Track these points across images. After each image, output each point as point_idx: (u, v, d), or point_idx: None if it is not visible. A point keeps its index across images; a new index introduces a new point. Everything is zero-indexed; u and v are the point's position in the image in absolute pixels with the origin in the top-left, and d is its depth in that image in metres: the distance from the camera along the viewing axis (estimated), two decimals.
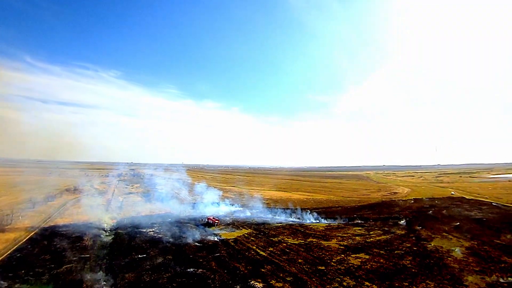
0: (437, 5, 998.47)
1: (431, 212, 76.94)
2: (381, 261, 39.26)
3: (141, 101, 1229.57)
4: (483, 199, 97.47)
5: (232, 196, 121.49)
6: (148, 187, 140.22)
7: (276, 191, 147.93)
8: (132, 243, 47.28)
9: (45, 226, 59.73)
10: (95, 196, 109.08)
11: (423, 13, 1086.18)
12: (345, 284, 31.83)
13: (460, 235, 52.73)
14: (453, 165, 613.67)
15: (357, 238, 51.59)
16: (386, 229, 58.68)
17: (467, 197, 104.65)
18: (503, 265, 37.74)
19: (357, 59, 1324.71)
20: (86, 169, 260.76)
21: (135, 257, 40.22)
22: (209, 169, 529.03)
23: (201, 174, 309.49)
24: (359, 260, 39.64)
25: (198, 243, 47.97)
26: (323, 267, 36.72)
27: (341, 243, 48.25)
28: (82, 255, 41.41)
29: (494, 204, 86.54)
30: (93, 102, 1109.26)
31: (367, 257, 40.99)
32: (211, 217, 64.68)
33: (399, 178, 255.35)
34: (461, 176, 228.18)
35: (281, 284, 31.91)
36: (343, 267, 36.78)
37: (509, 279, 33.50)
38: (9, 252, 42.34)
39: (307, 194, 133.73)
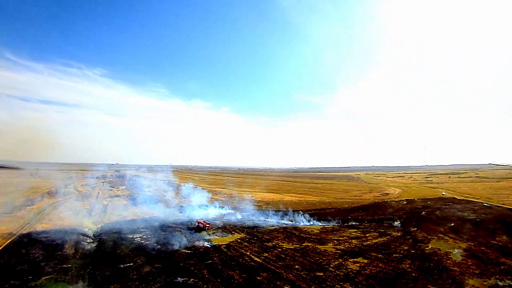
0: (429, 5, 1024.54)
1: (424, 213, 77.34)
2: (380, 265, 38.44)
3: (127, 100, 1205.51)
4: (474, 200, 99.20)
5: (222, 198, 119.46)
6: (134, 189, 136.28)
7: (267, 192, 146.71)
8: (117, 251, 44.80)
9: (24, 232, 56.18)
10: (78, 199, 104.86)
11: (416, 14, 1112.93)
12: None
13: (456, 236, 52.77)
14: (441, 165, 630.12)
15: (354, 241, 50.78)
16: (381, 231, 58.24)
17: (458, 198, 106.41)
18: (502, 267, 37.57)
19: (348, 60, 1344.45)
20: (69, 170, 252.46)
21: (120, 266, 37.91)
22: (198, 170, 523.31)
23: (190, 175, 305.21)
24: (358, 265, 38.70)
25: (188, 249, 45.98)
26: (321, 273, 35.52)
27: (338, 247, 47.29)
28: (63, 265, 38.75)
29: (485, 204, 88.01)
30: (77, 101, 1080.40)
31: (366, 261, 40.11)
32: (202, 221, 62.65)
33: (389, 178, 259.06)
34: (450, 176, 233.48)
35: None
36: (342, 273, 35.70)
37: (510, 282, 33.25)
38: None
39: (299, 195, 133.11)
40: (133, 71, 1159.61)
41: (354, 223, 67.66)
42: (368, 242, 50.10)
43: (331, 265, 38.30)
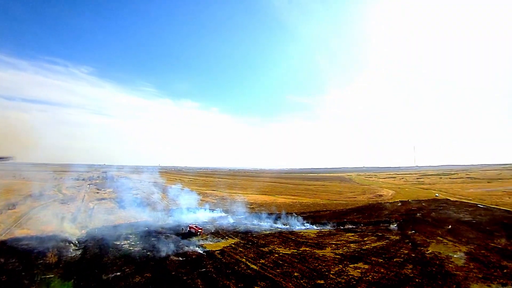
0: (420, 6, 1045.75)
1: (420, 215, 77.50)
2: (382, 271, 37.51)
3: (115, 100, 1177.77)
4: (468, 201, 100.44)
5: (213, 200, 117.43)
6: (121, 191, 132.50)
7: (259, 194, 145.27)
8: (103, 259, 42.41)
9: (3, 239, 52.84)
10: (63, 202, 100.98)
11: (406, 15, 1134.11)
12: None
13: (454, 239, 52.58)
14: (430, 166, 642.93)
15: (352, 245, 49.87)
16: (379, 234, 57.63)
17: (452, 199, 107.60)
18: (505, 271, 37.24)
19: (339, 61, 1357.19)
20: (54, 171, 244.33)
21: (108, 276, 35.67)
22: (188, 171, 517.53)
23: (180, 176, 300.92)
24: (359, 270, 37.66)
25: (179, 256, 44.00)
26: (322, 281, 34.25)
27: (337, 251, 46.24)
28: (45, 275, 36.27)
29: (479, 205, 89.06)
30: (62, 99, 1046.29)
31: (366, 266, 39.13)
32: (194, 226, 60.61)
33: (381, 179, 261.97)
34: (441, 177, 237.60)
35: None
36: (343, 280, 34.54)
37: None
38: None
39: (292, 197, 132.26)
40: (121, 70, 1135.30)
41: (350, 226, 66.93)
42: (367, 246, 49.28)
43: (332, 272, 37.11)
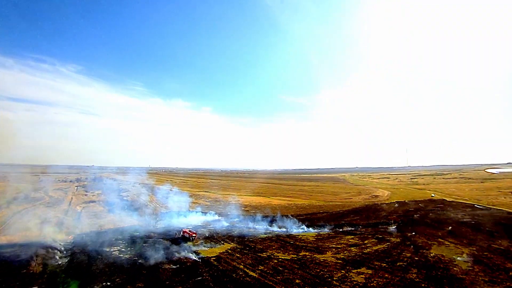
0: (412, 5, 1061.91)
1: (418, 216, 77.34)
2: (386, 276, 36.56)
3: (103, 99, 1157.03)
4: (464, 201, 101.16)
5: (207, 203, 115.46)
6: (111, 194, 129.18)
7: (254, 196, 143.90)
8: (92, 267, 40.26)
9: None
10: (49, 205, 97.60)
11: (399, 14, 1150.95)
12: None
13: (456, 240, 52.23)
14: (423, 166, 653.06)
15: (353, 249, 48.91)
16: (379, 236, 56.89)
17: (448, 199, 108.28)
18: (510, 274, 36.80)
19: (332, 61, 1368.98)
20: (40, 173, 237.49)
21: (96, 287, 33.72)
22: (179, 172, 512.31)
23: (171, 178, 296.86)
24: (363, 276, 36.61)
25: (173, 263, 42.19)
26: None
27: (338, 256, 45.17)
28: (27, 286, 34.11)
29: (476, 206, 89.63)
30: (49, 99, 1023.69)
31: (370, 271, 38.12)
32: (187, 230, 58.69)
33: (375, 180, 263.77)
34: (435, 177, 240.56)
35: None
36: (347, 287, 33.42)
37: None
38: None
39: (287, 199, 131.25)
40: (110, 68, 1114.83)
41: (349, 229, 66.11)
42: (368, 249, 48.38)
43: (334, 278, 35.95)
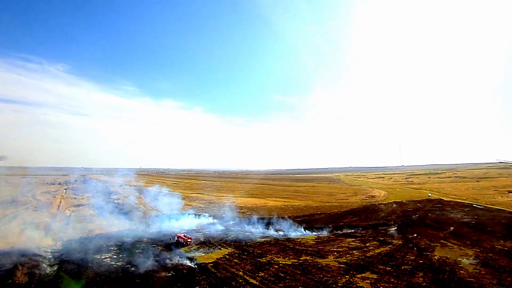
0: (405, 6, 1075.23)
1: (418, 216, 77.10)
2: (392, 280, 35.57)
3: (92, 99, 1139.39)
4: (462, 201, 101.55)
5: (201, 205, 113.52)
6: (101, 197, 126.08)
7: (248, 197, 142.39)
8: (82, 276, 38.25)
9: None
10: (37, 210, 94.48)
11: (391, 15, 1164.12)
12: None
13: (459, 242, 51.72)
14: (416, 165, 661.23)
15: (355, 252, 47.89)
16: (381, 239, 56.07)
17: (445, 199, 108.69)
18: None
19: (325, 61, 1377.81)
20: (28, 175, 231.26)
21: None
22: (171, 173, 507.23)
23: (162, 179, 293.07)
24: (368, 281, 35.52)
25: (168, 271, 40.42)
26: None
27: (340, 260, 44.05)
28: None
29: (475, 205, 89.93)
30: (37, 99, 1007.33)
31: (375, 276, 37.07)
32: (182, 235, 56.86)
33: (370, 180, 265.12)
34: (430, 177, 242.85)
35: None
36: None
37: None
38: None
39: (283, 200, 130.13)
40: (100, 68, 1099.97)
41: (348, 231, 65.25)
42: (370, 253, 47.42)
43: (339, 284, 34.76)
